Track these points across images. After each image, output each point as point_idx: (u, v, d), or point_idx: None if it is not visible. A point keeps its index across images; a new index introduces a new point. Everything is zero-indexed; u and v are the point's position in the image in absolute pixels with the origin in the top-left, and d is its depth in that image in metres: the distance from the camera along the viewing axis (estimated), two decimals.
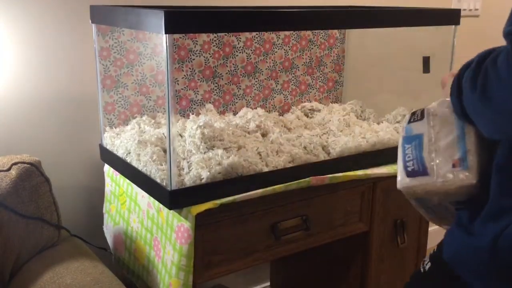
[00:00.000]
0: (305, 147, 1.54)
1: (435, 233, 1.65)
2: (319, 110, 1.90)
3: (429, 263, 1.13)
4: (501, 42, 2.71)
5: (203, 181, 1.31)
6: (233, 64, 1.81)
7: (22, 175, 1.36)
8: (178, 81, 1.71)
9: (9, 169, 1.35)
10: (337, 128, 1.70)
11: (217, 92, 1.80)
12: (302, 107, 1.93)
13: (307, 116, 1.88)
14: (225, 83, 1.81)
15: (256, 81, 1.87)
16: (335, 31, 2.00)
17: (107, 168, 1.64)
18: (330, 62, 2.04)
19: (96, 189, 1.76)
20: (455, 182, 0.97)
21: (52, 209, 1.43)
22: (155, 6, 1.58)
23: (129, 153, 1.48)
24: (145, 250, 1.47)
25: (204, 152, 1.40)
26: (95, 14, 1.52)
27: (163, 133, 1.52)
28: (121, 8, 1.38)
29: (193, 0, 1.74)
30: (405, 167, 1.03)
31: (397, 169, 1.06)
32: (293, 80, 1.96)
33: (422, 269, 1.15)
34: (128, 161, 1.47)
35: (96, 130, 1.70)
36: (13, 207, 1.33)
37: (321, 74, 2.02)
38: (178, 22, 1.18)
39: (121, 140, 1.55)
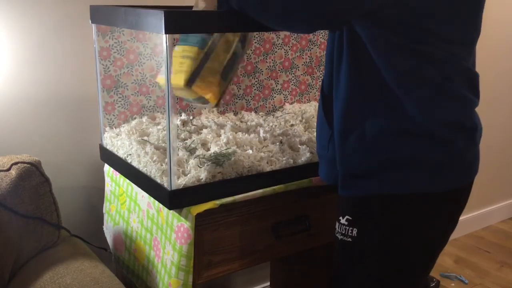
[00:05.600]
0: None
1: None
2: None
3: (352, 228, 1.19)
4: (502, 42, 2.72)
5: (203, 181, 1.31)
6: None
7: (22, 175, 1.36)
8: None
9: (9, 169, 1.35)
10: None
11: None
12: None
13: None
14: None
15: (256, 81, 1.87)
16: None
17: (107, 168, 1.64)
18: None
19: (96, 189, 1.76)
20: None
21: (52, 209, 1.43)
22: (155, 6, 1.57)
23: (130, 154, 1.48)
24: (145, 250, 1.47)
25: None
26: (95, 14, 1.52)
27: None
28: (121, 8, 1.38)
29: (193, 0, 1.74)
30: None
31: None
32: (293, 80, 1.96)
33: (348, 238, 1.20)
34: (129, 161, 1.47)
35: (96, 130, 1.70)
36: (13, 207, 1.33)
37: (321, 74, 2.02)
38: (178, 22, 1.18)
39: (122, 141, 1.55)
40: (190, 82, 1.21)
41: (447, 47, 1.10)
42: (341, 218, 1.22)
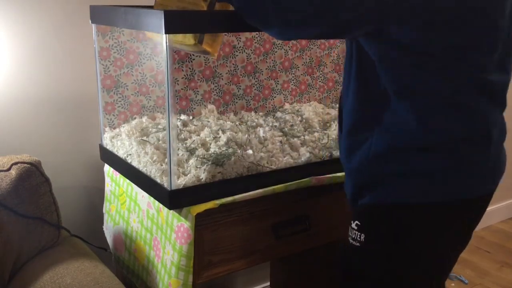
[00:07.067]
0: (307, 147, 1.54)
1: None
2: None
3: (361, 234, 1.19)
4: None
5: (203, 181, 1.31)
6: (233, 64, 1.81)
7: (22, 175, 1.36)
8: (178, 81, 1.71)
9: (9, 169, 1.35)
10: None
11: (217, 92, 1.80)
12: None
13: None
14: (225, 83, 1.81)
15: (256, 81, 1.87)
16: None
17: (107, 168, 1.64)
18: (330, 62, 2.03)
19: (96, 189, 1.76)
20: None
21: (52, 209, 1.43)
22: None
23: (130, 154, 1.48)
24: (145, 250, 1.47)
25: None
26: (95, 14, 1.52)
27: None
28: (121, 8, 1.38)
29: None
30: None
31: None
32: (293, 80, 1.96)
33: (357, 243, 1.20)
34: (129, 161, 1.47)
35: (96, 130, 1.70)
36: (13, 207, 1.33)
37: (321, 74, 2.02)
38: (178, 22, 1.18)
39: (121, 141, 1.55)
40: (200, 39, 1.27)
41: (456, 57, 1.07)
42: (352, 222, 1.23)
